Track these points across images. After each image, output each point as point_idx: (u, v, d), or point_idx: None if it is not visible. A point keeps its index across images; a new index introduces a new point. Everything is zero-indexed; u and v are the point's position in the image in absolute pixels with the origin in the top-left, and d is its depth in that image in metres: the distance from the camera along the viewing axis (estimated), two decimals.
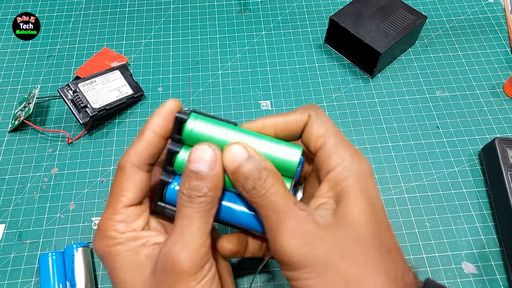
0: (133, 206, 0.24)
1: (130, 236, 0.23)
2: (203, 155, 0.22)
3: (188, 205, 0.22)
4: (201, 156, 0.22)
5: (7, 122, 0.45)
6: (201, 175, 0.22)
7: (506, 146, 0.39)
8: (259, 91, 0.47)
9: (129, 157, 0.24)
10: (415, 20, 0.47)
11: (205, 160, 0.22)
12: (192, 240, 0.22)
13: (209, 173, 0.22)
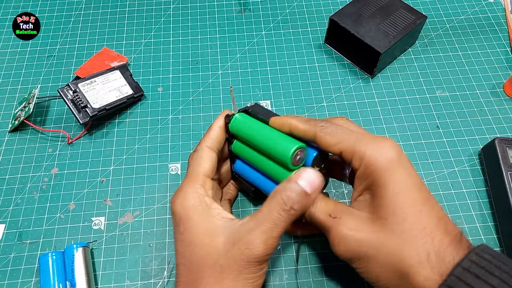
0: (208, 177, 0.30)
1: (207, 202, 0.28)
2: (314, 179, 0.27)
3: (281, 213, 0.26)
4: (312, 179, 0.27)
5: (7, 122, 0.45)
6: (306, 194, 0.27)
7: (506, 146, 0.39)
8: (259, 91, 0.47)
9: (205, 141, 0.31)
10: (415, 20, 0.47)
11: (314, 184, 0.27)
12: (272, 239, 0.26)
13: (312, 196, 0.27)
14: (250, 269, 0.26)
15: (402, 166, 0.25)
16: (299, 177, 0.27)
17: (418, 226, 0.24)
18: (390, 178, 0.25)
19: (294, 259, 0.36)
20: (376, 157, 0.25)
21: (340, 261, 0.36)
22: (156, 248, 0.37)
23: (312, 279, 0.35)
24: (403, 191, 0.25)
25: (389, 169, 0.25)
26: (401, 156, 0.26)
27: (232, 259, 0.25)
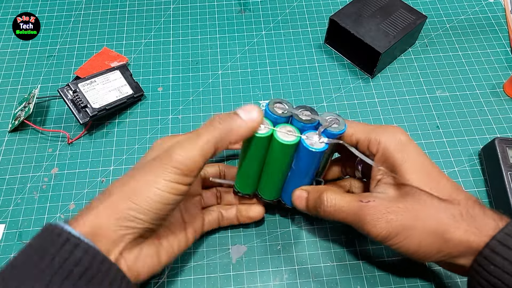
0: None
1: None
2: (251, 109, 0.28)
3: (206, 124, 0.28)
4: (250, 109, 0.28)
5: (7, 122, 0.45)
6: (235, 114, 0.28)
7: (506, 146, 0.39)
8: (259, 91, 0.47)
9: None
10: (415, 20, 0.47)
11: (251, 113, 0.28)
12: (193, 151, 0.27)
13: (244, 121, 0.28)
14: (163, 168, 0.26)
15: (414, 147, 0.29)
16: (240, 108, 0.28)
17: (444, 193, 0.28)
18: (408, 157, 0.28)
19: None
20: (391, 141, 0.29)
21: (340, 260, 0.36)
22: None
23: (312, 279, 0.35)
24: (422, 167, 0.28)
25: (405, 150, 0.29)
26: (409, 138, 0.30)
27: (152, 160, 0.28)
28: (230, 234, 0.38)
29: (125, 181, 0.28)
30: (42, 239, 0.25)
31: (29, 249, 0.25)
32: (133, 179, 0.27)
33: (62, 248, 0.24)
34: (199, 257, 0.37)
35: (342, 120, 0.30)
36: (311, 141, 0.29)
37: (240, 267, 0.36)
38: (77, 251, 0.24)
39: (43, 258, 0.24)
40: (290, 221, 0.38)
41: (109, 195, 0.27)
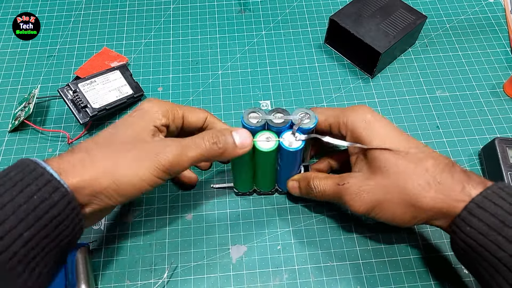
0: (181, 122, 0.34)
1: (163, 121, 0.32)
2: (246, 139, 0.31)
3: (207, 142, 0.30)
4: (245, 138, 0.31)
5: (7, 122, 0.45)
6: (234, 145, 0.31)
7: (506, 146, 0.39)
8: (259, 91, 0.47)
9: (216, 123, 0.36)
10: (415, 20, 0.47)
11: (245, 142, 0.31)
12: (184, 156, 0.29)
13: (237, 149, 0.31)
14: (154, 164, 0.28)
15: (379, 122, 0.32)
16: (235, 131, 0.31)
17: (410, 165, 0.29)
18: (374, 134, 0.31)
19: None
20: (358, 121, 0.32)
21: (340, 261, 0.36)
22: (156, 248, 0.37)
23: (312, 279, 0.35)
24: (387, 140, 0.31)
25: (371, 128, 0.31)
26: (375, 115, 0.32)
27: (146, 146, 0.29)
28: (230, 234, 0.38)
29: (115, 154, 0.29)
30: (22, 174, 0.26)
31: (8, 179, 0.26)
32: (123, 158, 0.28)
33: (42, 189, 0.25)
34: (199, 257, 0.37)
35: (312, 113, 0.33)
36: (289, 141, 0.32)
37: (240, 267, 0.36)
38: (55, 194, 0.26)
39: (23, 192, 0.25)
40: (290, 221, 0.38)
41: (96, 164, 0.28)
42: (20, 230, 0.24)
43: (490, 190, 0.27)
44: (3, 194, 0.25)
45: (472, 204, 0.27)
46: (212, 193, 0.40)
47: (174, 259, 0.36)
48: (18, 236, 0.24)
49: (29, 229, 0.24)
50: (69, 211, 0.26)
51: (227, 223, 0.38)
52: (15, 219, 0.24)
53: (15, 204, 0.25)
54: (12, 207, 0.24)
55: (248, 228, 0.38)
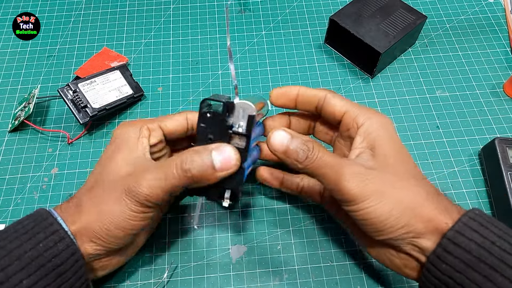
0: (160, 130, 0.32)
1: (143, 141, 0.31)
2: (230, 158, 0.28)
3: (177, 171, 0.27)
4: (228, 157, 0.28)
5: (7, 122, 0.45)
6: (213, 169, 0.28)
7: (506, 146, 0.39)
8: (259, 91, 0.47)
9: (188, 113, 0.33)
10: (415, 20, 0.47)
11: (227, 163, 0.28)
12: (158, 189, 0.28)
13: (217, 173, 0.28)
14: (131, 201, 0.28)
15: (397, 137, 0.31)
16: (216, 149, 0.28)
17: (416, 177, 0.29)
18: (387, 141, 0.29)
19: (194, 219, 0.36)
20: (378, 124, 0.30)
21: (340, 261, 0.36)
22: (156, 248, 0.37)
23: (312, 279, 0.35)
24: (399, 155, 0.29)
25: (386, 135, 0.30)
26: (395, 130, 0.31)
27: (121, 184, 0.28)
28: (230, 234, 0.38)
29: (96, 199, 0.29)
30: (34, 222, 0.27)
31: (21, 226, 0.27)
32: (104, 201, 0.28)
33: (49, 237, 0.26)
34: (199, 257, 0.37)
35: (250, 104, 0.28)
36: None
37: (240, 267, 0.36)
38: (60, 244, 0.26)
39: (31, 240, 0.26)
40: (290, 221, 0.38)
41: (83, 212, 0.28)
42: (20, 277, 0.24)
43: (461, 223, 0.26)
44: (13, 240, 0.26)
45: (446, 240, 0.26)
46: None
47: (174, 259, 0.36)
48: (18, 282, 0.24)
49: (29, 276, 0.25)
50: (73, 261, 0.27)
51: (227, 223, 0.38)
52: (18, 265, 0.25)
53: (21, 250, 0.25)
54: (18, 253, 0.25)
55: (248, 228, 0.38)
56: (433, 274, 0.26)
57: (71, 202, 0.30)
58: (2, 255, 0.25)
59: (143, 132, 0.31)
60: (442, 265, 0.26)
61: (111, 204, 0.28)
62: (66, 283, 0.26)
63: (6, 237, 0.26)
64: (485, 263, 0.24)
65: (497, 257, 0.24)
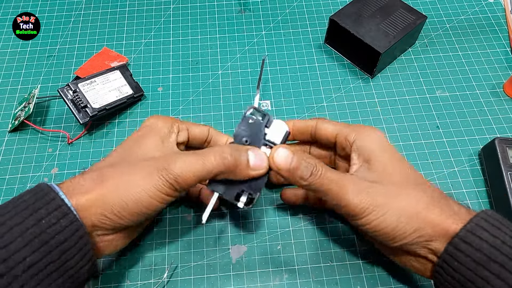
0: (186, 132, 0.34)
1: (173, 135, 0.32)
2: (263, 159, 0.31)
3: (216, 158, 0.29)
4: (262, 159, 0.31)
5: (7, 122, 0.45)
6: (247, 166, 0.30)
7: (506, 146, 0.39)
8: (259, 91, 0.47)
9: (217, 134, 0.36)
10: (415, 20, 0.47)
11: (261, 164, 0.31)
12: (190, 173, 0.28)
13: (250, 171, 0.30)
14: (160, 179, 0.28)
15: (389, 146, 0.32)
16: (252, 150, 0.31)
17: (416, 182, 0.30)
18: (380, 152, 0.30)
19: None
20: (368, 137, 0.31)
21: (340, 261, 0.36)
22: (156, 248, 0.37)
23: (312, 279, 0.35)
24: (395, 164, 0.31)
25: (378, 147, 0.31)
26: (387, 140, 0.32)
27: (152, 163, 0.29)
28: (230, 234, 0.38)
29: (122, 172, 0.28)
30: (35, 197, 0.26)
31: (22, 201, 0.26)
32: (130, 175, 0.28)
33: (51, 214, 0.25)
34: (199, 257, 0.37)
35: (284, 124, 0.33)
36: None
37: (240, 267, 0.36)
38: (63, 220, 0.25)
39: (32, 215, 0.25)
40: (290, 221, 0.38)
41: (105, 182, 0.28)
42: (23, 254, 0.24)
43: (473, 223, 0.27)
44: (14, 216, 0.25)
45: (457, 240, 0.26)
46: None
47: (174, 259, 0.36)
48: (21, 260, 0.24)
49: (33, 253, 0.24)
50: (77, 238, 0.26)
51: (227, 223, 0.38)
52: (21, 242, 0.24)
53: (23, 227, 0.24)
54: (19, 230, 0.24)
55: (248, 228, 0.38)
56: (446, 271, 0.27)
57: (86, 174, 0.29)
58: (3, 231, 0.24)
59: (174, 129, 0.32)
60: (454, 263, 0.26)
61: (138, 179, 0.28)
62: (71, 260, 0.26)
63: (6, 212, 0.25)
64: (495, 261, 0.25)
65: (507, 256, 0.25)
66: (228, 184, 0.31)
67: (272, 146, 0.32)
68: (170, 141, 0.32)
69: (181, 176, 0.28)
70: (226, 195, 0.32)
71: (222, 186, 0.31)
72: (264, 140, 0.32)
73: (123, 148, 0.31)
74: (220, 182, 0.31)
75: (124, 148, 0.31)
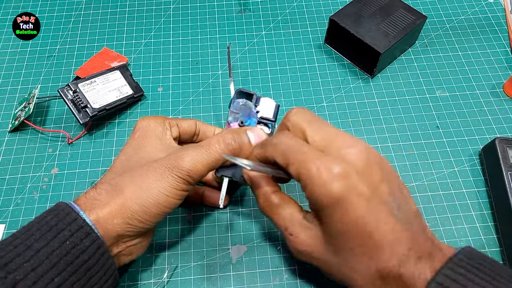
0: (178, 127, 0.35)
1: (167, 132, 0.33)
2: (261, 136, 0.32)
3: (219, 144, 0.30)
4: (260, 135, 0.32)
5: (7, 122, 0.45)
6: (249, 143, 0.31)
7: (506, 146, 0.39)
8: (259, 91, 0.47)
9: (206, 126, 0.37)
10: (415, 20, 0.47)
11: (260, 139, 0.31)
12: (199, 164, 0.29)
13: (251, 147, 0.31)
14: (173, 177, 0.29)
15: (348, 201, 0.24)
16: (250, 130, 0.32)
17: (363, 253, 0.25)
18: (333, 215, 0.25)
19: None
20: (320, 192, 0.25)
21: None
22: (156, 248, 0.37)
23: (312, 279, 0.35)
24: (346, 226, 0.25)
25: (333, 206, 0.25)
26: (348, 188, 0.24)
27: (162, 164, 0.29)
28: (230, 234, 0.38)
29: (135, 178, 0.29)
30: (57, 218, 0.27)
31: (45, 223, 0.27)
32: (144, 180, 0.29)
33: (74, 235, 0.27)
34: (199, 257, 0.37)
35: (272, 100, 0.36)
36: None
37: (240, 267, 0.36)
38: (86, 240, 0.27)
39: (57, 237, 0.26)
40: None
41: (121, 192, 0.29)
42: (51, 276, 0.25)
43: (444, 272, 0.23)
44: (39, 239, 0.26)
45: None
46: None
47: (174, 259, 0.36)
48: (50, 281, 0.25)
49: (60, 274, 0.25)
50: (99, 255, 0.27)
51: (227, 223, 0.38)
52: (48, 264, 0.25)
53: (49, 249, 0.26)
54: (45, 252, 0.25)
55: (248, 228, 0.38)
56: None
57: (99, 188, 0.29)
58: (30, 255, 0.25)
59: (166, 126, 0.33)
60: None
61: (152, 181, 0.29)
62: (95, 276, 0.27)
63: (31, 235, 0.26)
64: None
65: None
66: (234, 167, 0.32)
67: (266, 122, 0.35)
68: (167, 138, 0.33)
69: (192, 169, 0.29)
70: (236, 177, 0.33)
71: (229, 170, 0.32)
72: (258, 118, 0.34)
73: (126, 155, 0.32)
74: (226, 167, 0.32)
75: (127, 155, 0.32)
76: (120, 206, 0.28)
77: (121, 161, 0.32)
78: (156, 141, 0.32)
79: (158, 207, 0.29)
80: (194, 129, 0.36)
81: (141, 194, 0.28)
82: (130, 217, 0.28)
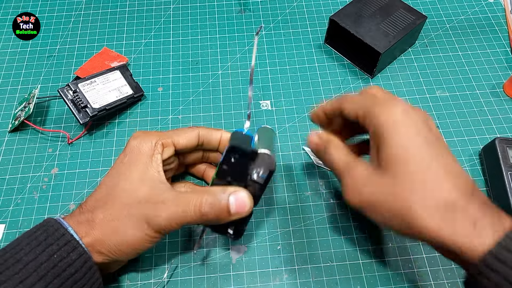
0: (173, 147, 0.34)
1: (157, 157, 0.32)
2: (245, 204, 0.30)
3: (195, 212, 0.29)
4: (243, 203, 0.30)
5: (7, 122, 0.45)
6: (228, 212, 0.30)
7: (506, 146, 0.39)
8: (259, 91, 0.47)
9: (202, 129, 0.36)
10: (415, 20, 0.47)
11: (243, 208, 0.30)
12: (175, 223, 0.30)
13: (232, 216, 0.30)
14: (149, 230, 0.30)
15: (408, 124, 0.27)
16: (234, 194, 0.30)
17: (423, 177, 0.26)
18: (393, 135, 0.27)
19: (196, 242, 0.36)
20: (383, 118, 0.27)
21: (340, 261, 0.36)
22: (156, 248, 0.37)
23: (312, 279, 0.35)
24: (407, 146, 0.26)
25: (394, 127, 0.27)
26: (408, 116, 0.27)
27: (139, 211, 0.30)
28: None
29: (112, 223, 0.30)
30: (46, 234, 0.28)
31: (34, 238, 0.28)
32: (121, 224, 0.30)
33: (62, 248, 0.28)
34: (199, 257, 0.37)
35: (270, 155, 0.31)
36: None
37: (240, 267, 0.36)
38: (73, 253, 0.28)
39: (45, 251, 0.27)
40: (290, 221, 0.38)
41: (100, 228, 0.30)
42: (39, 287, 0.26)
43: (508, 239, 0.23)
44: (28, 253, 0.27)
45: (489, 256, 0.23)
46: None
47: (174, 259, 0.36)
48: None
49: (47, 286, 0.26)
50: (86, 269, 0.28)
51: None
52: (36, 277, 0.26)
53: (37, 262, 0.27)
54: (34, 265, 0.27)
55: (248, 228, 0.38)
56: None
57: (83, 215, 0.31)
58: (19, 268, 0.26)
59: (158, 148, 0.33)
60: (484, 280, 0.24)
61: (129, 228, 0.30)
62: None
63: (20, 249, 0.27)
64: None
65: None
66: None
67: (262, 185, 0.31)
68: (153, 167, 0.32)
69: (167, 227, 0.30)
70: (215, 228, 0.33)
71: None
72: (249, 180, 0.30)
73: (111, 179, 0.32)
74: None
75: (112, 181, 0.32)
76: (97, 239, 0.30)
77: (106, 185, 0.32)
78: (143, 169, 0.31)
79: (130, 247, 0.30)
80: (195, 143, 0.35)
81: (116, 236, 0.30)
82: (104, 250, 0.30)
